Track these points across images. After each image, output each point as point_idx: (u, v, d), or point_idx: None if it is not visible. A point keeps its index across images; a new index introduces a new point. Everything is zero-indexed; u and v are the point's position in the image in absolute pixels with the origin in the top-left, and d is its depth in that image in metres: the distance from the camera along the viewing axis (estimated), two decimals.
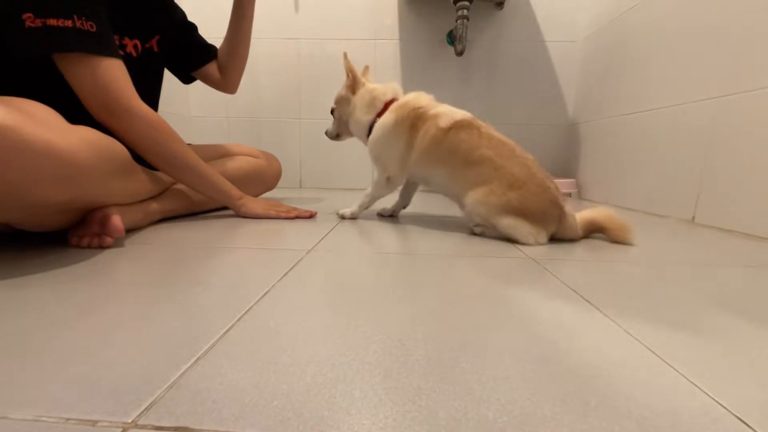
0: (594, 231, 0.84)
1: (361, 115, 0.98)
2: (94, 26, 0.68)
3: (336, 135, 1.11)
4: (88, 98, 0.73)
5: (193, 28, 1.09)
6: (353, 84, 1.00)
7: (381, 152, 0.95)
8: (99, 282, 0.50)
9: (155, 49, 0.96)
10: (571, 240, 0.82)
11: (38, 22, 0.64)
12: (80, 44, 0.67)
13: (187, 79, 1.14)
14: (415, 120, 0.90)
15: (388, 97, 0.97)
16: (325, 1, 1.75)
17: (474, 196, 0.82)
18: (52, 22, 0.64)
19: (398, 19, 1.75)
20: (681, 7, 1.15)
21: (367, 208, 1.02)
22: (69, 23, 0.65)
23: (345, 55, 1.00)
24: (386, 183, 0.96)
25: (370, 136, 0.96)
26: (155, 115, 0.80)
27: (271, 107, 1.85)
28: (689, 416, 0.27)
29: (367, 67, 1.08)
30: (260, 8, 1.75)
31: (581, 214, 0.83)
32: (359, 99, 0.99)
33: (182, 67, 1.10)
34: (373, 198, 1.00)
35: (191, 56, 1.09)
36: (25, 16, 0.63)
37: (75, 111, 0.63)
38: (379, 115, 0.95)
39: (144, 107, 0.78)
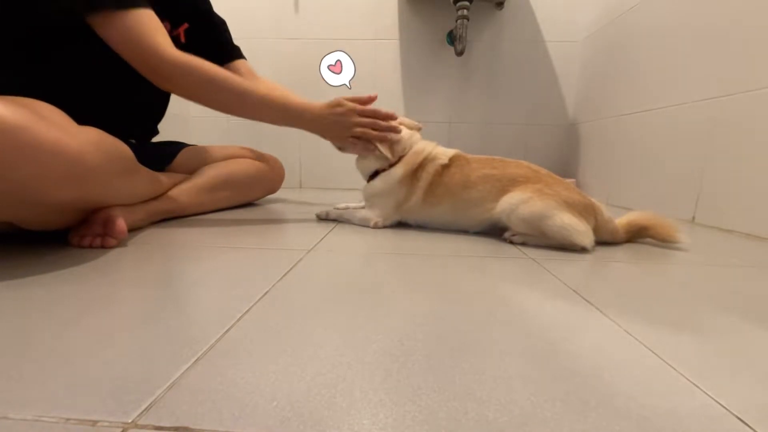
0: (637, 234, 0.80)
1: (372, 160, 0.92)
2: None
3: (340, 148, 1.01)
4: (127, 59, 0.73)
5: (222, 24, 1.06)
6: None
7: (378, 197, 0.91)
8: (99, 282, 0.50)
9: (182, 39, 0.95)
10: (613, 242, 0.79)
11: None
12: (100, 2, 0.68)
13: None
14: (417, 169, 0.88)
15: (406, 151, 0.91)
16: (325, 1, 1.74)
17: (509, 200, 0.77)
18: None
19: (398, 19, 1.75)
20: (681, 8, 1.15)
21: (337, 219, 0.98)
22: None
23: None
24: (373, 225, 0.91)
25: (373, 181, 0.92)
26: (190, 62, 0.78)
27: None
28: (689, 416, 0.27)
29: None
30: (260, 8, 1.75)
31: (621, 218, 0.80)
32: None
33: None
34: (352, 223, 0.95)
35: (214, 52, 1.01)
36: None
37: (81, 111, 0.63)
38: (391, 165, 0.90)
39: (176, 55, 0.76)
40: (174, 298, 0.45)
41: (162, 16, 0.88)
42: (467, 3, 1.52)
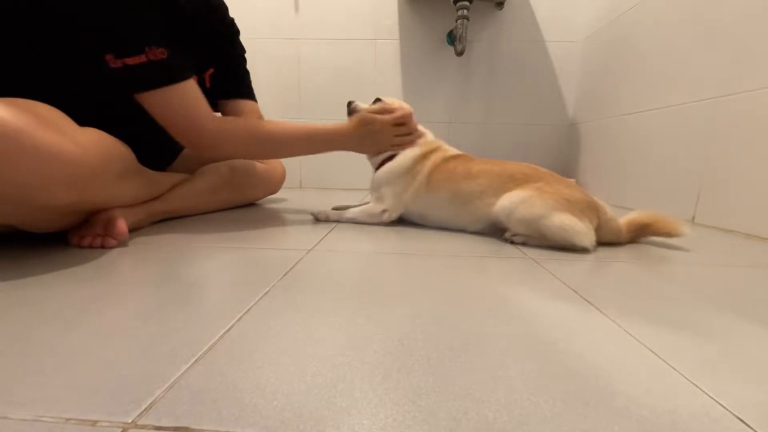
0: (640, 232, 0.79)
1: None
2: (166, 52, 0.69)
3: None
4: (169, 130, 0.76)
5: (244, 61, 1.05)
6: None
7: (389, 183, 0.92)
8: (99, 282, 0.50)
9: (207, 83, 0.95)
10: (616, 242, 0.78)
11: (119, 63, 0.66)
12: (152, 81, 0.70)
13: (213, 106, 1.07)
14: (428, 155, 0.92)
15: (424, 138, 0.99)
16: (325, 1, 1.74)
17: (509, 198, 0.77)
18: (130, 61, 0.67)
19: (398, 19, 1.75)
20: (680, 8, 1.15)
21: (338, 220, 0.97)
22: (143, 58, 0.67)
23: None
24: (380, 215, 0.92)
25: (390, 163, 0.93)
26: (225, 126, 0.81)
27: (270, 107, 1.84)
28: (689, 416, 0.27)
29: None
30: (260, 8, 1.75)
31: (622, 218, 0.79)
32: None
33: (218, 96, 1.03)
34: (356, 221, 0.95)
35: (230, 89, 1.02)
36: (108, 57, 0.66)
37: (80, 112, 0.63)
38: None
39: (213, 125, 0.78)
40: (174, 298, 0.45)
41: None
42: (467, 3, 1.52)
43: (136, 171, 0.75)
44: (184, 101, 0.75)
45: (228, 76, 1.01)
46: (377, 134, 0.93)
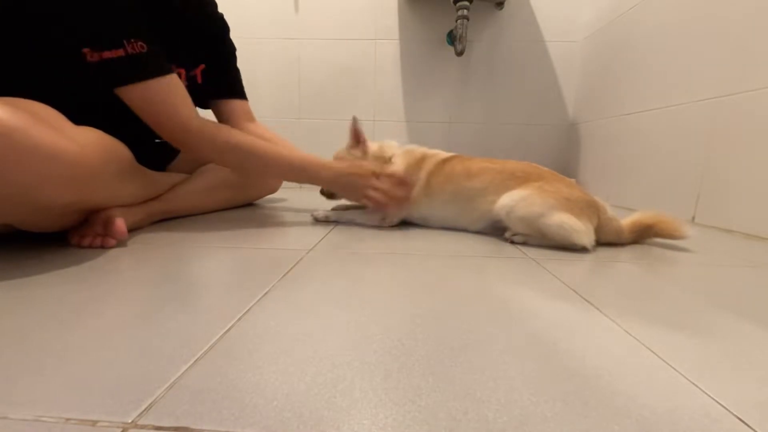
0: (643, 233, 0.79)
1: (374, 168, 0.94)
2: (145, 45, 0.68)
3: (330, 194, 1.01)
4: (151, 126, 0.74)
5: (234, 58, 1.04)
6: (363, 147, 0.98)
7: None
8: (99, 282, 0.50)
9: (199, 80, 0.94)
10: (617, 243, 0.77)
11: (96, 57, 0.65)
12: (132, 75, 0.68)
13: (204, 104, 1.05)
14: (420, 163, 0.92)
15: (394, 151, 0.97)
16: (325, 1, 1.74)
17: (509, 197, 0.77)
18: (107, 54, 0.65)
19: (398, 19, 1.75)
20: (681, 8, 1.15)
21: (338, 220, 0.96)
22: (121, 52, 0.66)
23: (355, 119, 0.97)
24: (380, 220, 0.91)
25: None
26: (207, 129, 0.79)
27: (270, 107, 1.85)
28: (689, 416, 0.27)
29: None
30: (260, 8, 1.75)
31: (626, 219, 0.79)
32: (371, 156, 0.97)
33: (209, 95, 1.02)
34: (356, 223, 0.95)
35: (221, 88, 1.02)
36: (85, 50, 0.65)
37: (78, 112, 0.63)
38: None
39: (196, 124, 0.76)
40: (174, 298, 0.45)
41: (181, 62, 0.87)
42: (467, 3, 1.52)
43: (135, 171, 0.75)
44: (165, 97, 0.73)
45: (219, 75, 1.00)
46: (356, 179, 0.88)
